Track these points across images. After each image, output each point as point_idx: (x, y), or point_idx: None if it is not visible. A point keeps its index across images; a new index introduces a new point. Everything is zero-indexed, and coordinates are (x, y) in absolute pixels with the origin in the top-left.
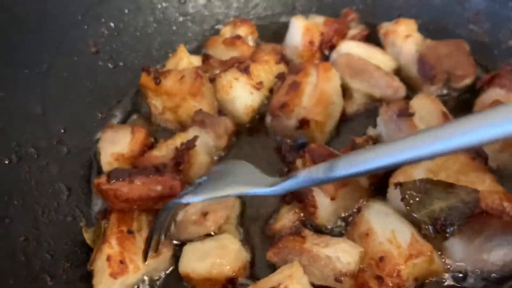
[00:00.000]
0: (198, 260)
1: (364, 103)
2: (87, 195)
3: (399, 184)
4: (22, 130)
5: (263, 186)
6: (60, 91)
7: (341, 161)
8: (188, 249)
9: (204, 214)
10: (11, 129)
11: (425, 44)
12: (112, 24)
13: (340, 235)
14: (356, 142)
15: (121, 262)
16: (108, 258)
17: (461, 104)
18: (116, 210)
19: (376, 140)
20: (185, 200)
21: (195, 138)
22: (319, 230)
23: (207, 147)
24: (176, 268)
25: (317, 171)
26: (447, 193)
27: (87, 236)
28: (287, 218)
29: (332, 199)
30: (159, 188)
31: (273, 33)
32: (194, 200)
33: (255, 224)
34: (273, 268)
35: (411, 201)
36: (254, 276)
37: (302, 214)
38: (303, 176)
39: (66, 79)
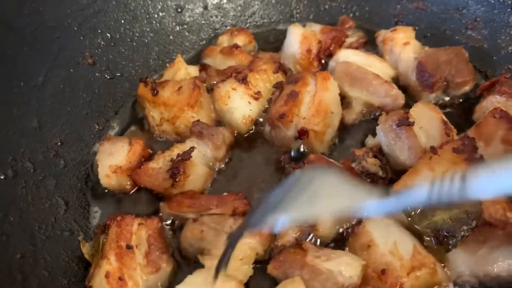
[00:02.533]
0: None
1: (363, 112)
2: (85, 208)
3: None
4: (18, 144)
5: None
6: (57, 104)
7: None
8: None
9: None
10: (7, 143)
11: (424, 51)
12: (108, 35)
13: (342, 247)
14: (356, 154)
15: (120, 278)
16: (107, 275)
17: (461, 111)
18: (115, 224)
19: (376, 152)
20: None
21: (192, 149)
22: (321, 242)
23: (205, 158)
24: (176, 283)
25: (450, 187)
26: (450, 204)
27: (85, 250)
28: (290, 233)
29: None
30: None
31: (271, 41)
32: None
33: None
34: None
35: (413, 213)
36: None
37: (304, 227)
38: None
39: (62, 91)
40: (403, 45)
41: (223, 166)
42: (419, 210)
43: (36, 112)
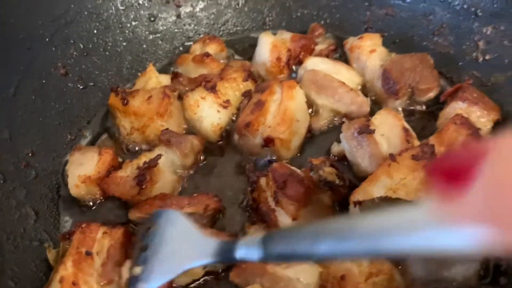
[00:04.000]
0: None
1: (330, 119)
2: (55, 218)
3: (358, 202)
4: None
5: (205, 257)
6: (28, 115)
7: (274, 239)
8: None
9: None
10: None
11: (389, 58)
12: (81, 45)
13: None
14: (314, 163)
15: (74, 283)
16: (61, 280)
17: (427, 117)
18: (79, 231)
19: (334, 161)
20: None
21: (158, 156)
22: None
23: (173, 166)
24: None
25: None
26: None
27: (51, 256)
28: None
29: (294, 219)
30: None
31: (244, 48)
32: None
33: None
34: None
35: None
36: None
37: None
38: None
39: (34, 102)
40: (369, 53)
41: (192, 173)
42: None
43: (7, 124)
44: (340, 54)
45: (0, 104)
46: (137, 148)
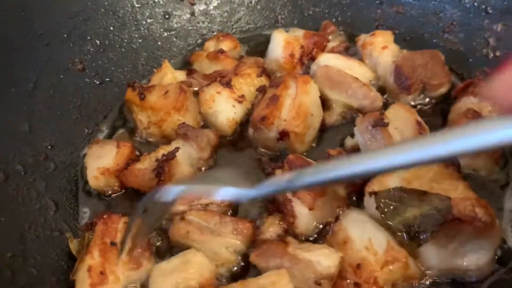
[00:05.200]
0: (164, 280)
1: (343, 114)
2: (74, 209)
3: (374, 193)
4: (9, 148)
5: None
6: (47, 109)
7: (308, 170)
8: (154, 271)
9: None
10: None
11: (401, 55)
12: (97, 41)
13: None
14: (331, 154)
15: (101, 273)
16: (89, 269)
17: (438, 112)
18: (101, 221)
19: (350, 152)
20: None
21: (176, 149)
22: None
23: (190, 159)
24: None
25: (282, 179)
26: (421, 201)
27: (73, 246)
28: (272, 230)
29: (310, 209)
30: None
31: (256, 45)
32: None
33: None
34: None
35: (386, 209)
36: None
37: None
38: (268, 183)
39: (52, 96)
40: (382, 49)
41: (208, 167)
42: (391, 207)
43: (27, 117)
44: (351, 51)
45: (20, 99)
46: (153, 142)
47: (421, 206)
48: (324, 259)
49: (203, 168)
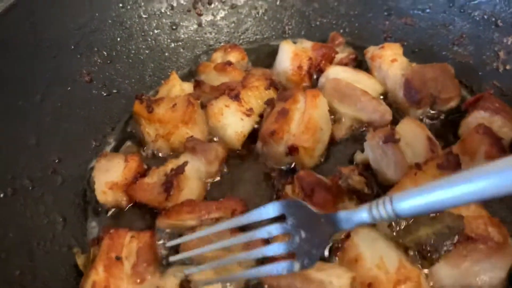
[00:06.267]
0: None
1: (352, 127)
2: (82, 223)
3: None
4: (16, 162)
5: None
6: (54, 121)
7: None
8: None
9: None
10: (6, 161)
11: (411, 68)
12: (105, 53)
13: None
14: (343, 172)
15: None
16: (93, 285)
17: (448, 125)
18: (107, 236)
19: (362, 169)
20: None
21: (185, 163)
22: None
23: (198, 173)
24: None
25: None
26: (433, 220)
27: (80, 262)
28: None
29: None
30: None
31: (263, 56)
32: None
33: None
34: None
35: (398, 228)
36: None
37: None
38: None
39: (60, 108)
40: (391, 62)
41: (217, 180)
42: (403, 225)
43: (34, 130)
44: (360, 63)
45: (28, 111)
46: (160, 155)
47: (433, 224)
48: (336, 279)
49: (209, 182)
